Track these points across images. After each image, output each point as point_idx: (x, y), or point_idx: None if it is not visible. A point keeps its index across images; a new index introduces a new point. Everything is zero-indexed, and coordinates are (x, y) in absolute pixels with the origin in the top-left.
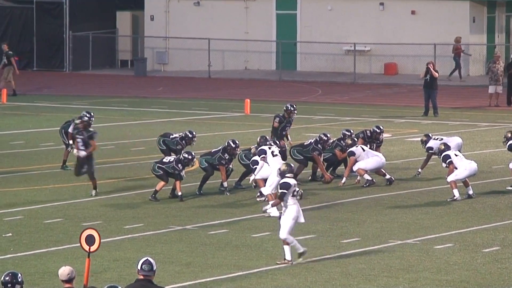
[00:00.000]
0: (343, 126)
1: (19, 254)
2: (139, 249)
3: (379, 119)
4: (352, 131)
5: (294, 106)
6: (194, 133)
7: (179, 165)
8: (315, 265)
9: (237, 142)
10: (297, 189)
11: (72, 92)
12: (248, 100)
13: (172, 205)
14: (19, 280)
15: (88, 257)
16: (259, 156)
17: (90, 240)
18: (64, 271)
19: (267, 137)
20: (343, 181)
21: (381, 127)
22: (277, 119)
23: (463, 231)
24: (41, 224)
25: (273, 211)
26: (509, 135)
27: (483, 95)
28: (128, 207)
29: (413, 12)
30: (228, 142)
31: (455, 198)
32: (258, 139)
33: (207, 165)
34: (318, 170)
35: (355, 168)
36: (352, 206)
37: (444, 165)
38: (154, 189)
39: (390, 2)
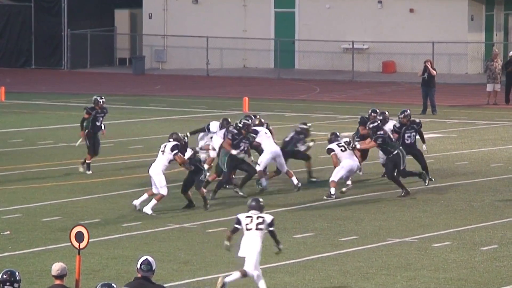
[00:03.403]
0: (341, 125)
1: (17, 252)
2: (137, 247)
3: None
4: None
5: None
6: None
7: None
8: (313, 263)
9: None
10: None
11: (70, 90)
12: (246, 98)
13: (170, 204)
14: (17, 278)
15: (79, 254)
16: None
17: (79, 237)
18: (55, 266)
19: (229, 120)
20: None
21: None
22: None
23: (461, 229)
24: (39, 222)
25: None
26: (331, 136)
27: (482, 93)
28: (127, 205)
29: (411, 10)
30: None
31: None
32: (220, 121)
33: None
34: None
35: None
36: (350, 204)
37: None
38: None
39: (389, 0)
